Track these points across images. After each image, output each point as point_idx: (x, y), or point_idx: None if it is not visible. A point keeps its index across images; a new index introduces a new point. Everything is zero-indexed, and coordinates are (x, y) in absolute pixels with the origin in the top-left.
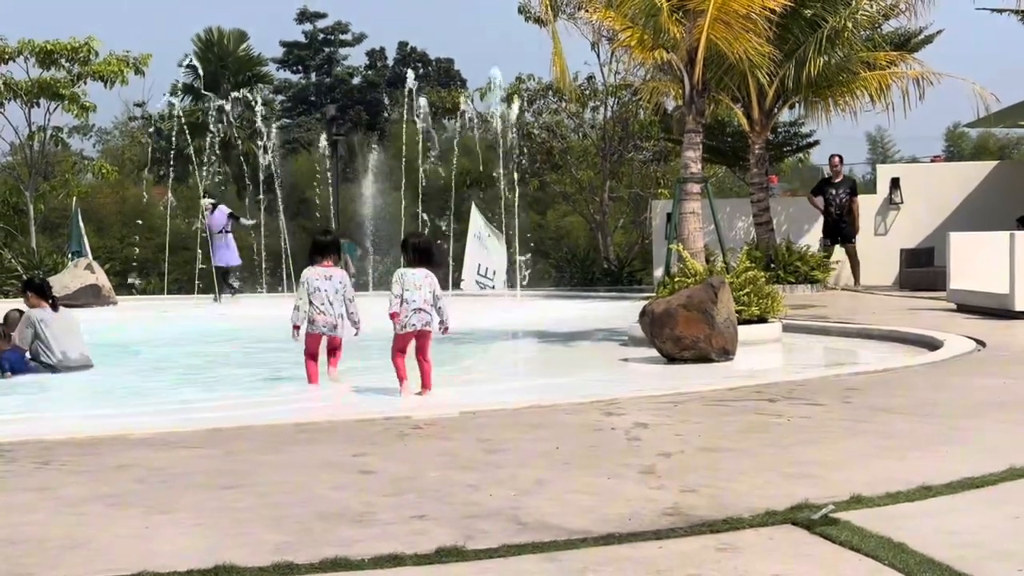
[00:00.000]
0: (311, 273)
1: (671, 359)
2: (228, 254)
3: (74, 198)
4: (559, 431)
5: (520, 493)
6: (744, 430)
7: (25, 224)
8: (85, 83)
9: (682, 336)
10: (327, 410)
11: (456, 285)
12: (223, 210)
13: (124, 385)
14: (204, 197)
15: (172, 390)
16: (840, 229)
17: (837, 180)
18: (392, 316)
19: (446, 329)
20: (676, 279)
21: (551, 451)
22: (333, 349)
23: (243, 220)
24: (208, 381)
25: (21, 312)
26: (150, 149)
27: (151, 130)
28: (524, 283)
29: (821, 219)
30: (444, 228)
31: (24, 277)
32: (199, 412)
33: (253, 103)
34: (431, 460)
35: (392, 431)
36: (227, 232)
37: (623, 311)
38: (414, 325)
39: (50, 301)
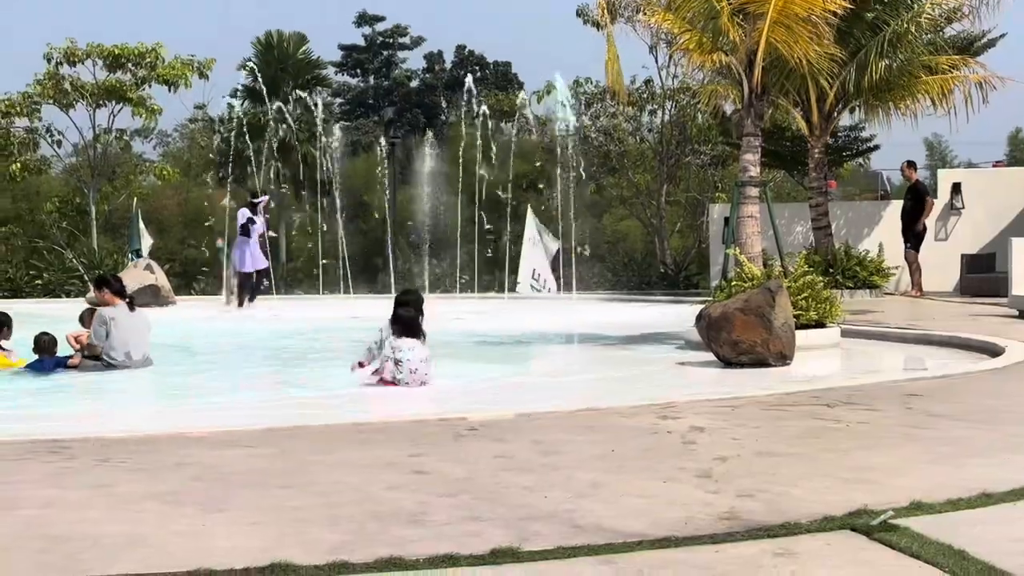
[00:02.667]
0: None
1: (728, 363)
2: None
3: (135, 199)
4: (615, 434)
5: (575, 495)
6: (801, 435)
7: (87, 225)
8: (150, 86)
9: (739, 340)
10: (382, 410)
11: (512, 288)
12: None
13: (182, 384)
14: (263, 194)
15: (228, 389)
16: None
17: (909, 185)
18: (361, 365)
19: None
20: (733, 283)
21: (607, 454)
22: None
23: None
24: (264, 381)
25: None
26: (215, 151)
27: (214, 134)
28: (580, 286)
29: (882, 224)
30: (499, 233)
31: (93, 276)
32: (255, 411)
33: (313, 106)
34: (486, 461)
35: (447, 432)
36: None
37: (679, 315)
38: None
39: (127, 300)
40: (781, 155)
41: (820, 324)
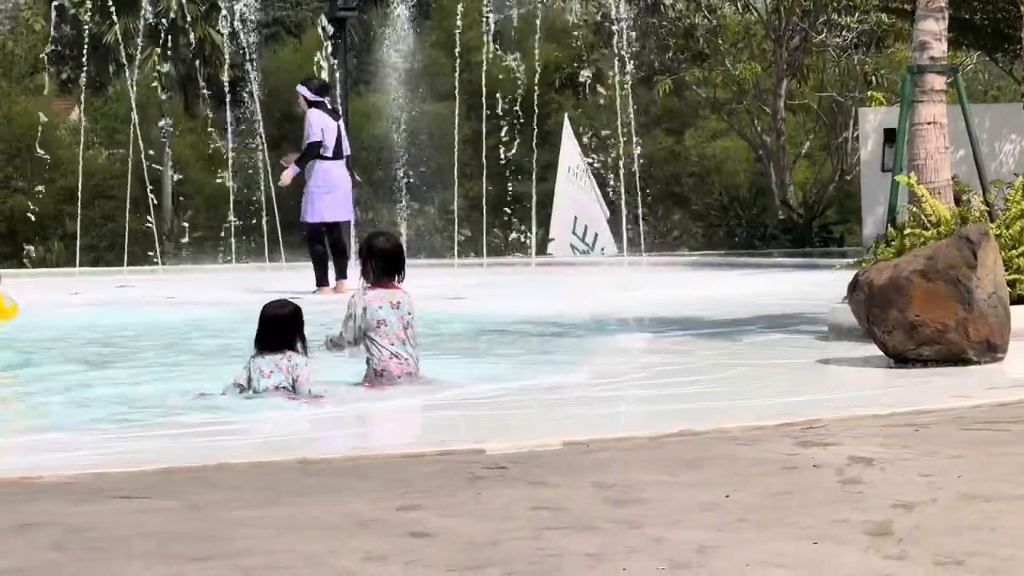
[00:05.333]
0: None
1: (901, 359)
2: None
3: None
4: (728, 470)
5: (673, 568)
6: None
7: None
8: None
9: (919, 322)
10: (346, 439)
11: (543, 249)
12: (320, 117)
13: (22, 404)
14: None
15: (96, 409)
16: None
17: None
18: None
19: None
20: (907, 232)
21: (717, 501)
22: None
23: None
24: (151, 395)
25: None
26: (54, 39)
27: (52, 11)
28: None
29: None
30: (522, 162)
31: None
32: (142, 442)
33: None
34: (522, 516)
35: (456, 472)
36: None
37: (816, 287)
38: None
39: None
40: (976, 27)
41: None
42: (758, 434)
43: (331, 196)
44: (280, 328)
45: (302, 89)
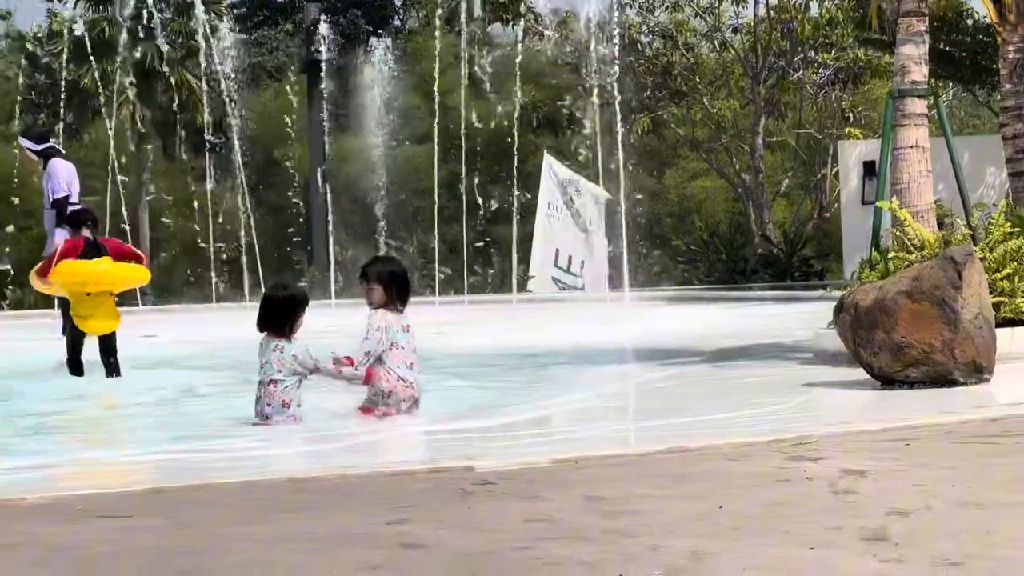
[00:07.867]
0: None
1: (887, 380)
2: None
3: None
4: (720, 483)
5: (670, 572)
6: None
7: None
8: None
9: (906, 343)
10: (332, 458)
11: (522, 287)
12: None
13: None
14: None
15: (79, 436)
16: None
17: None
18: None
19: None
20: (892, 255)
21: (711, 511)
22: None
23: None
24: (135, 424)
25: None
26: (28, 86)
27: (26, 59)
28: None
29: None
30: (502, 202)
31: None
32: (128, 465)
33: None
34: (514, 528)
35: (446, 488)
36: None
37: (799, 317)
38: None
39: None
40: (955, 59)
41: None
42: (749, 450)
43: None
44: (273, 310)
45: (25, 142)
